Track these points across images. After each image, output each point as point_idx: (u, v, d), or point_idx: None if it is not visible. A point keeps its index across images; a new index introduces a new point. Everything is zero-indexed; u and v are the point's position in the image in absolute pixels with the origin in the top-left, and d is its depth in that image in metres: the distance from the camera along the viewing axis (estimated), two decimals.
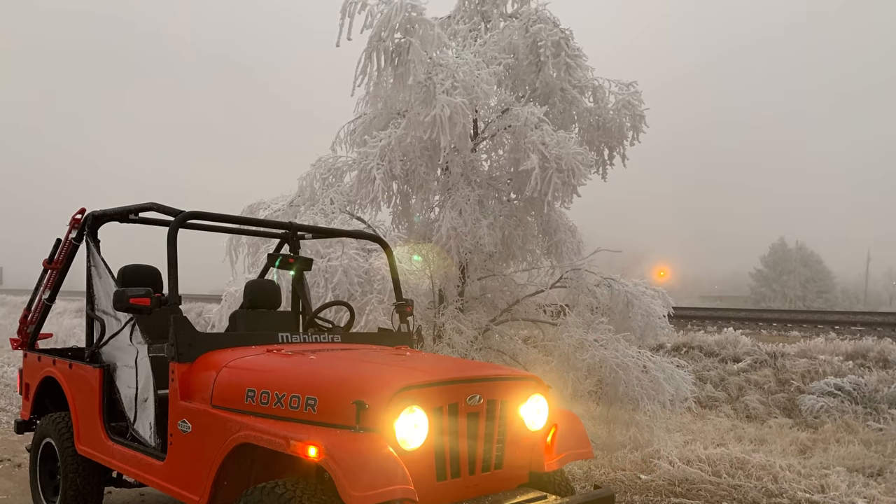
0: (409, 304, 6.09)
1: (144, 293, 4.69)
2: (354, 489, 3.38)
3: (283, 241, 6.74)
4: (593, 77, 9.31)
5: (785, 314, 24.48)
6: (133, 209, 5.47)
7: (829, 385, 11.52)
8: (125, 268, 6.10)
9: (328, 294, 7.78)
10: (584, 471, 7.52)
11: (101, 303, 5.75)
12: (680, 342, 14.64)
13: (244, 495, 3.84)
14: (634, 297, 8.91)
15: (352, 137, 9.61)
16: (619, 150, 9.32)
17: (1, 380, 14.74)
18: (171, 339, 4.64)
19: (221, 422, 4.25)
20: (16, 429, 6.74)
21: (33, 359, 6.57)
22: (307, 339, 5.30)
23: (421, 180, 8.40)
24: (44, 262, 6.56)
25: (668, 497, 6.81)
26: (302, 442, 3.60)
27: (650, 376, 8.29)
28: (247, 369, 4.49)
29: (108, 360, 5.57)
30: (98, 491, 5.88)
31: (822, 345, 13.62)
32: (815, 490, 6.85)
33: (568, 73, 8.95)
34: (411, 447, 3.78)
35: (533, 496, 4.21)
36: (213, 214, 5.38)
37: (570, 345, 8.31)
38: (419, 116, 7.68)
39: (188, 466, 4.49)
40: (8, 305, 34.25)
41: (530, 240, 9.20)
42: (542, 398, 4.46)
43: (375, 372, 4.25)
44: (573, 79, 9.03)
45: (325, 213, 8.45)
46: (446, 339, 8.49)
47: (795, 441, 9.58)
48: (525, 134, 7.94)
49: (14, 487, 7.25)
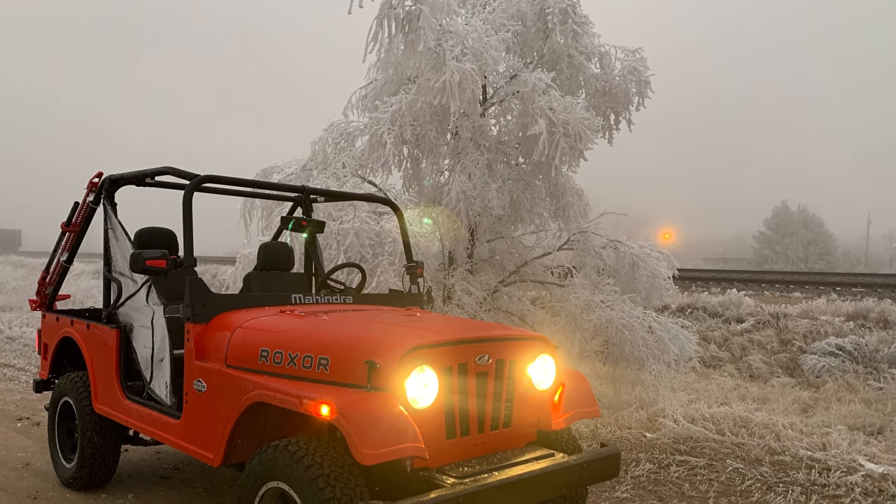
0: (419, 266, 6.16)
1: (160, 255, 4.77)
2: (366, 447, 3.46)
3: (296, 205, 6.81)
4: (600, 44, 9.32)
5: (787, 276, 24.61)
6: (149, 173, 5.51)
7: (831, 345, 11.65)
8: (141, 230, 6.17)
9: (340, 256, 7.87)
10: (590, 429, 7.64)
11: (117, 264, 5.84)
12: (684, 303, 14.75)
13: (258, 453, 3.94)
14: (640, 259, 9.00)
15: (363, 103, 9.68)
16: (625, 116, 9.36)
17: (20, 340, 14.90)
18: (187, 301, 4.73)
19: (236, 381, 4.34)
20: (34, 388, 6.86)
21: (51, 319, 6.68)
22: (320, 301, 5.39)
23: (431, 145, 8.46)
24: (62, 225, 6.66)
25: (672, 455, 6.92)
26: (314, 401, 3.68)
27: (655, 336, 8.39)
28: (260, 330, 4.58)
29: (124, 320, 5.68)
30: (115, 449, 6.01)
31: (823, 306, 13.74)
32: (816, 448, 6.95)
33: (575, 41, 8.97)
34: (421, 406, 3.86)
35: (541, 454, 4.31)
36: (227, 178, 5.44)
37: (577, 306, 8.41)
38: (429, 82, 7.73)
39: (203, 425, 4.59)
40: (27, 267, 34.51)
41: (538, 203, 9.28)
42: (549, 358, 4.55)
43: (386, 332, 4.33)
44: (580, 45, 9.04)
45: (337, 177, 8.52)
46: (456, 301, 8.58)
47: (797, 400, 9.71)
48: (533, 99, 7.98)
49: (33, 445, 7.40)
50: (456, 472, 3.88)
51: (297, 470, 3.65)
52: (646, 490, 6.23)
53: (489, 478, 3.83)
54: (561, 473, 4.08)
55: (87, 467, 5.88)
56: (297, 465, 3.67)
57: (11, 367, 11.99)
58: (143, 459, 6.97)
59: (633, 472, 6.59)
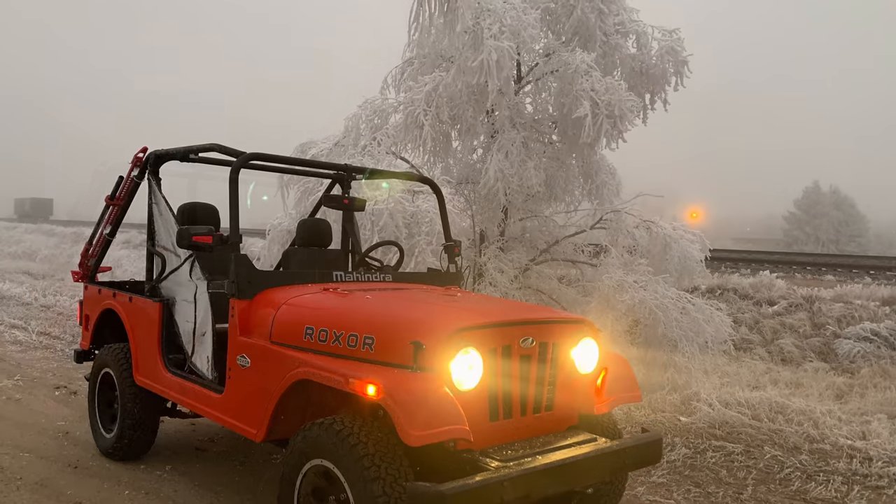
0: (457, 244, 6.15)
1: (206, 231, 4.80)
2: (413, 428, 3.46)
3: (335, 182, 6.81)
4: (637, 20, 9.26)
5: (819, 258, 24.31)
6: (195, 149, 5.53)
7: (866, 330, 11.54)
8: (184, 205, 6.21)
9: (374, 237, 7.88)
10: (624, 412, 7.62)
11: (161, 239, 5.88)
12: (714, 284, 14.61)
13: (302, 430, 3.96)
14: (672, 241, 8.95)
15: (398, 81, 9.68)
16: (661, 96, 9.30)
17: (54, 308, 15.02)
18: (232, 277, 4.75)
19: (280, 358, 4.36)
20: (75, 358, 6.94)
21: (94, 291, 6.75)
22: (360, 278, 5.39)
23: (468, 124, 8.46)
24: (106, 199, 6.72)
25: (708, 440, 6.89)
26: (361, 380, 3.68)
27: (690, 318, 8.34)
28: (305, 307, 4.59)
29: (167, 294, 5.73)
30: (154, 421, 6.08)
31: (858, 290, 13.57)
32: (856, 437, 6.88)
33: (601, 20, 8.93)
34: (466, 388, 3.85)
35: (583, 438, 4.29)
36: (272, 156, 5.45)
37: (609, 286, 8.37)
38: (467, 62, 7.70)
39: (246, 400, 4.62)
40: (58, 236, 34.86)
41: (572, 181, 9.26)
42: (592, 341, 4.53)
43: (432, 313, 4.33)
44: (605, 25, 9.01)
45: (371, 155, 8.52)
46: (488, 279, 8.59)
47: (832, 386, 9.61)
48: (575, 80, 7.95)
49: (72, 414, 7.49)
50: (500, 455, 3.88)
51: (343, 449, 3.67)
52: (682, 475, 6.21)
53: (533, 462, 3.82)
54: (604, 459, 4.07)
55: (127, 438, 5.95)
56: (342, 443, 3.68)
57: (47, 336, 12.12)
58: (179, 431, 7.04)
59: (669, 456, 6.56)
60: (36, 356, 10.42)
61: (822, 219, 61.29)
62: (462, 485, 3.40)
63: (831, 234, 60.58)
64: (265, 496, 5.44)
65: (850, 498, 5.76)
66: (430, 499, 3.32)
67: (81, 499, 5.30)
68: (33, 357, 10.35)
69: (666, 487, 5.93)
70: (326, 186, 7.11)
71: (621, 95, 7.82)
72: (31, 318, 13.75)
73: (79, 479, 5.70)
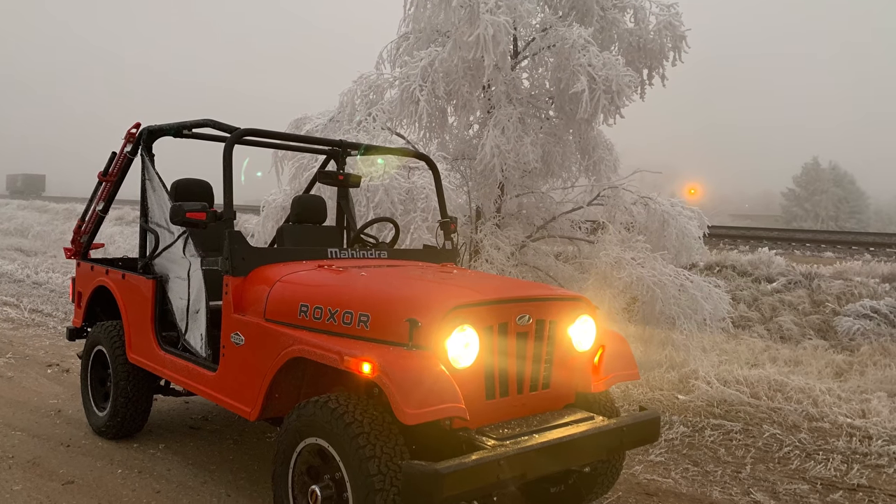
0: (453, 221, 6.09)
1: (200, 208, 4.73)
2: (408, 406, 3.42)
3: (330, 158, 6.74)
4: None
5: (819, 234, 24.29)
6: (189, 125, 5.47)
7: (865, 307, 11.49)
8: (178, 181, 6.13)
9: (369, 213, 7.82)
10: (621, 390, 7.58)
11: (154, 215, 5.81)
12: (713, 261, 14.56)
13: (297, 408, 3.92)
14: (670, 217, 8.91)
15: (394, 56, 9.60)
16: (659, 71, 9.23)
17: (46, 285, 14.98)
18: (226, 254, 4.70)
19: (275, 335, 4.31)
20: (68, 336, 6.87)
21: (86, 268, 6.68)
22: (355, 255, 5.34)
23: (464, 100, 8.38)
24: (98, 175, 6.64)
25: (707, 418, 6.86)
26: (356, 358, 3.64)
27: (688, 295, 8.30)
28: (300, 284, 4.54)
29: (160, 271, 5.66)
30: (147, 399, 6.03)
31: (857, 267, 13.51)
32: (856, 415, 6.86)
33: None
34: (462, 366, 3.81)
35: (580, 416, 4.25)
36: (267, 132, 5.38)
37: (607, 263, 8.32)
38: (464, 37, 7.62)
39: (240, 378, 4.57)
40: (50, 212, 34.79)
41: (569, 157, 9.19)
42: (590, 319, 4.48)
43: (428, 290, 4.26)
44: None
45: (367, 131, 8.44)
46: (484, 255, 8.54)
47: (831, 363, 9.59)
48: (572, 56, 7.87)
49: (64, 392, 7.45)
50: (496, 434, 3.84)
51: (338, 427, 3.63)
52: (680, 454, 6.18)
53: (530, 440, 3.78)
54: (602, 437, 4.04)
55: (120, 416, 5.90)
56: (337, 422, 3.64)
57: (39, 313, 12.07)
58: (172, 409, 7.00)
59: (667, 435, 6.53)
60: (28, 334, 10.37)
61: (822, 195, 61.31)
62: (458, 464, 3.36)
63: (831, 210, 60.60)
64: (259, 475, 5.40)
65: (849, 476, 5.73)
66: (425, 478, 3.27)
67: (74, 477, 5.26)
68: (25, 335, 10.29)
69: (664, 466, 5.90)
70: (321, 162, 7.03)
71: (619, 70, 7.77)
72: (23, 296, 13.70)
73: (71, 458, 5.66)
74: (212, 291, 5.09)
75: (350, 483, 3.58)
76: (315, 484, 3.82)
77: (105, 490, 5.06)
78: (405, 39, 9.51)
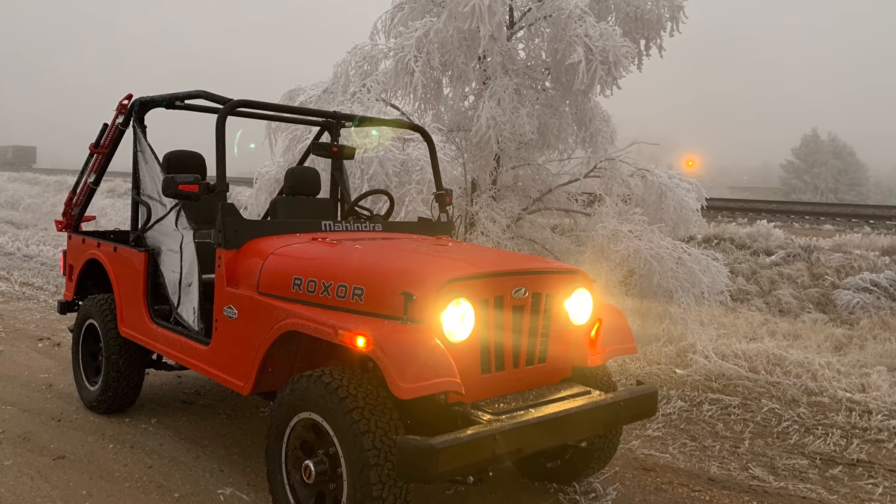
0: (448, 193, 6.03)
1: (193, 180, 4.68)
2: (403, 380, 3.37)
3: (324, 129, 6.65)
4: None
5: (818, 207, 24.25)
6: (181, 96, 5.43)
7: (865, 280, 11.45)
8: (170, 153, 6.06)
9: (364, 185, 7.75)
10: (618, 364, 7.54)
11: (146, 188, 5.74)
12: (711, 234, 14.52)
13: (290, 383, 3.86)
14: (668, 189, 8.82)
15: (388, 27, 9.48)
16: (656, 42, 9.12)
17: (37, 258, 14.90)
18: (219, 226, 4.64)
19: (268, 309, 4.25)
20: (59, 309, 6.82)
21: (77, 241, 6.60)
22: (349, 228, 5.27)
23: (459, 70, 8.29)
24: (90, 147, 6.56)
25: (704, 392, 6.82)
26: (350, 331, 3.58)
27: (685, 268, 8.24)
28: (293, 257, 4.47)
29: (152, 244, 5.60)
30: (139, 373, 5.97)
31: (857, 239, 13.46)
32: (855, 389, 6.82)
33: None
34: (457, 339, 3.76)
35: (577, 391, 4.21)
36: (260, 103, 5.29)
37: (603, 235, 8.25)
38: (459, 6, 7.51)
39: (233, 352, 4.52)
40: (41, 185, 34.69)
41: (565, 128, 9.10)
42: (586, 292, 4.42)
43: (423, 263, 4.19)
44: None
45: (361, 102, 8.34)
46: (480, 228, 8.47)
47: (830, 337, 9.55)
48: (569, 26, 7.77)
49: (55, 366, 7.40)
50: (492, 408, 3.79)
51: (331, 401, 3.57)
52: (677, 429, 6.14)
53: (526, 415, 3.73)
54: (598, 412, 3.99)
55: (112, 391, 5.85)
56: (330, 396, 3.58)
57: (30, 286, 12.01)
58: (165, 384, 6.96)
59: (664, 409, 6.49)
60: (18, 307, 10.32)
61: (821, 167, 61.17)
62: (453, 438, 3.31)
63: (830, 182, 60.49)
64: (252, 450, 5.36)
65: (849, 451, 5.70)
66: (420, 452, 3.23)
67: (65, 452, 5.22)
68: (16, 308, 10.24)
69: (661, 441, 5.86)
70: (315, 134, 6.97)
71: (616, 41, 7.68)
72: (14, 269, 13.63)
73: (62, 432, 5.62)
74: (204, 264, 5.04)
75: (344, 458, 3.53)
76: (309, 459, 3.77)
77: (97, 465, 5.02)
78: (400, 10, 9.38)
